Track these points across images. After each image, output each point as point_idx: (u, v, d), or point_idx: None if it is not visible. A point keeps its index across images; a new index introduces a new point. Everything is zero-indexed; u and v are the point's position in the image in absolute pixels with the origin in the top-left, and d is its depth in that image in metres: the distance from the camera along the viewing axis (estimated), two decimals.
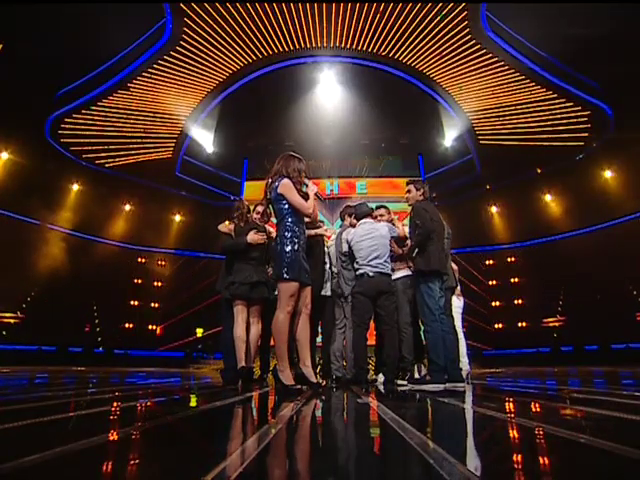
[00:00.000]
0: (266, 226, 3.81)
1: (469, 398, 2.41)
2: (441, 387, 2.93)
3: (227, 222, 3.93)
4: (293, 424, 1.46)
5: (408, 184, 3.49)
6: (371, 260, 3.50)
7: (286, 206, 2.78)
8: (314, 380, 2.88)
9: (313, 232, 3.72)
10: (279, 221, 2.84)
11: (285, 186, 2.77)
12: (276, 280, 2.79)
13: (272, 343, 4.51)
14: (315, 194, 2.95)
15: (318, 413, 1.89)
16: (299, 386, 2.76)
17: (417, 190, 3.43)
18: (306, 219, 2.98)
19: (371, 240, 3.55)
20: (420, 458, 0.88)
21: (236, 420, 1.68)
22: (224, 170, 14.20)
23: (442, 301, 3.17)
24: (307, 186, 2.97)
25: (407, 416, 1.70)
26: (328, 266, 4.12)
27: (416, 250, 3.13)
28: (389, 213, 3.98)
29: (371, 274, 3.48)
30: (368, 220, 3.72)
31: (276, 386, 3.00)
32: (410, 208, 3.45)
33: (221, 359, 4.54)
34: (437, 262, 3.09)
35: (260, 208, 3.80)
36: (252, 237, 3.50)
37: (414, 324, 3.78)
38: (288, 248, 2.71)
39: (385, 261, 3.52)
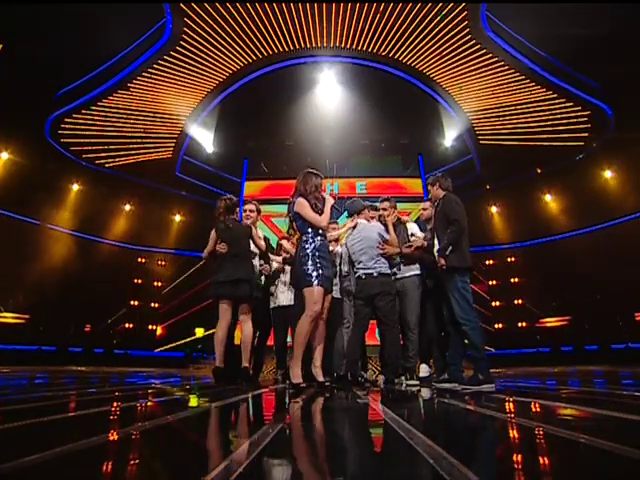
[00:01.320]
0: (252, 227, 3.82)
1: (469, 398, 2.41)
2: (493, 387, 2.78)
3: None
4: (292, 424, 1.46)
5: (428, 186, 3.58)
6: (362, 262, 3.48)
7: (303, 222, 3.10)
8: (321, 379, 2.96)
9: (336, 234, 3.91)
10: (301, 235, 3.17)
11: (299, 205, 3.09)
12: (298, 288, 3.13)
13: (270, 343, 4.57)
14: (332, 206, 3.16)
15: (317, 413, 1.89)
16: (305, 384, 2.90)
17: (433, 186, 3.39)
18: None
19: (360, 243, 3.53)
20: (420, 458, 0.88)
21: (236, 420, 1.68)
22: (224, 170, 14.20)
23: (471, 298, 3.09)
24: (324, 199, 3.19)
25: (406, 416, 1.70)
26: (338, 268, 4.16)
27: (450, 248, 3.05)
28: (394, 207, 3.86)
29: (363, 276, 3.46)
30: (362, 221, 3.67)
31: (287, 384, 3.08)
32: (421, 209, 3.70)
33: None
34: (469, 258, 3.11)
35: (250, 206, 3.99)
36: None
37: (422, 324, 3.72)
38: (310, 259, 2.99)
39: (378, 261, 3.45)
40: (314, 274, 2.93)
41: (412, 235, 3.75)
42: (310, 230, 3.07)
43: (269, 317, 4.29)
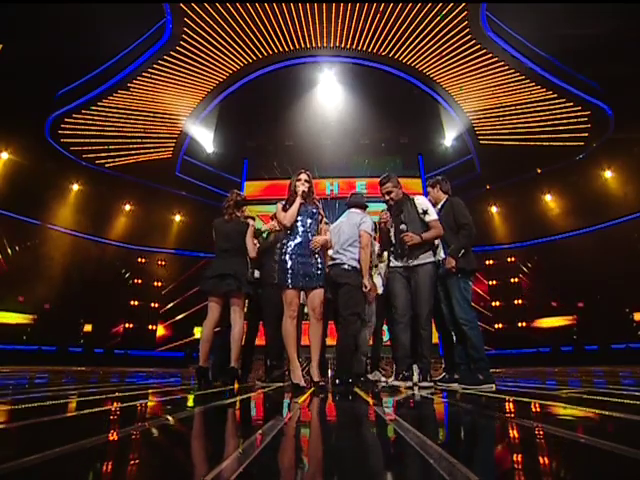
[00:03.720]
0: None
1: (469, 398, 2.41)
2: (493, 387, 2.79)
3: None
4: (292, 424, 1.46)
5: (428, 187, 3.53)
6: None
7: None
8: (317, 379, 2.98)
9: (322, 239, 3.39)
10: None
11: (276, 209, 3.24)
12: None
13: (258, 343, 4.60)
14: (302, 194, 3.18)
15: (317, 413, 1.89)
16: (305, 384, 2.97)
17: (433, 188, 3.43)
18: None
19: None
20: (420, 458, 0.88)
21: (236, 420, 1.68)
22: (224, 170, 14.20)
23: (470, 298, 3.13)
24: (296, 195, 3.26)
25: (406, 416, 1.70)
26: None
27: (462, 251, 3.05)
28: (397, 186, 3.47)
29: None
30: (354, 210, 3.62)
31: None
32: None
33: None
34: (474, 260, 3.14)
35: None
36: None
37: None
38: (279, 259, 3.09)
39: (338, 251, 3.41)
40: (288, 275, 2.99)
41: (424, 213, 3.26)
42: (285, 230, 3.18)
43: (257, 314, 4.31)
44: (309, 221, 3.16)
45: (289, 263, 3.01)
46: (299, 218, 3.14)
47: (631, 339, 9.78)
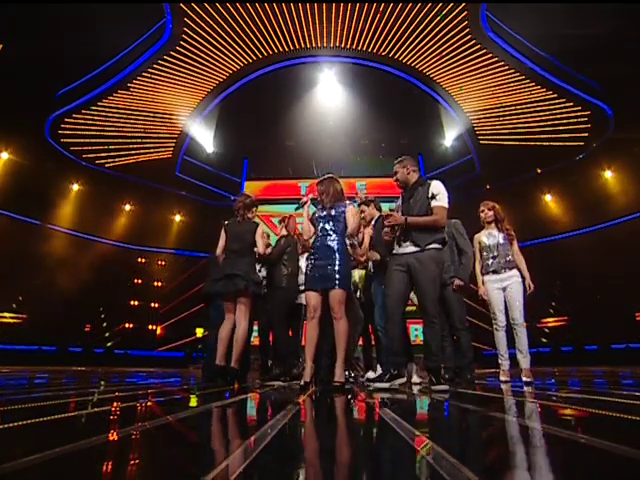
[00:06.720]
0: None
1: (470, 398, 2.41)
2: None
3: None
4: (292, 424, 1.46)
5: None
6: None
7: None
8: (337, 379, 2.96)
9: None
10: None
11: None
12: None
13: (256, 343, 4.61)
14: (310, 201, 3.34)
15: (318, 413, 1.89)
16: (305, 384, 2.98)
17: (368, 206, 4.03)
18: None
19: None
20: (420, 458, 0.88)
21: (236, 420, 1.68)
22: (224, 170, 14.21)
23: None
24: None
25: (405, 415, 1.70)
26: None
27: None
28: (405, 167, 3.46)
29: None
30: None
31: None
32: None
33: None
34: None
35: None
36: None
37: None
38: (308, 263, 3.20)
39: None
40: (306, 278, 3.11)
41: (433, 197, 2.98)
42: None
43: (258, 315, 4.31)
44: (328, 225, 3.19)
45: (306, 267, 3.18)
46: (320, 225, 3.24)
47: (631, 339, 9.77)
